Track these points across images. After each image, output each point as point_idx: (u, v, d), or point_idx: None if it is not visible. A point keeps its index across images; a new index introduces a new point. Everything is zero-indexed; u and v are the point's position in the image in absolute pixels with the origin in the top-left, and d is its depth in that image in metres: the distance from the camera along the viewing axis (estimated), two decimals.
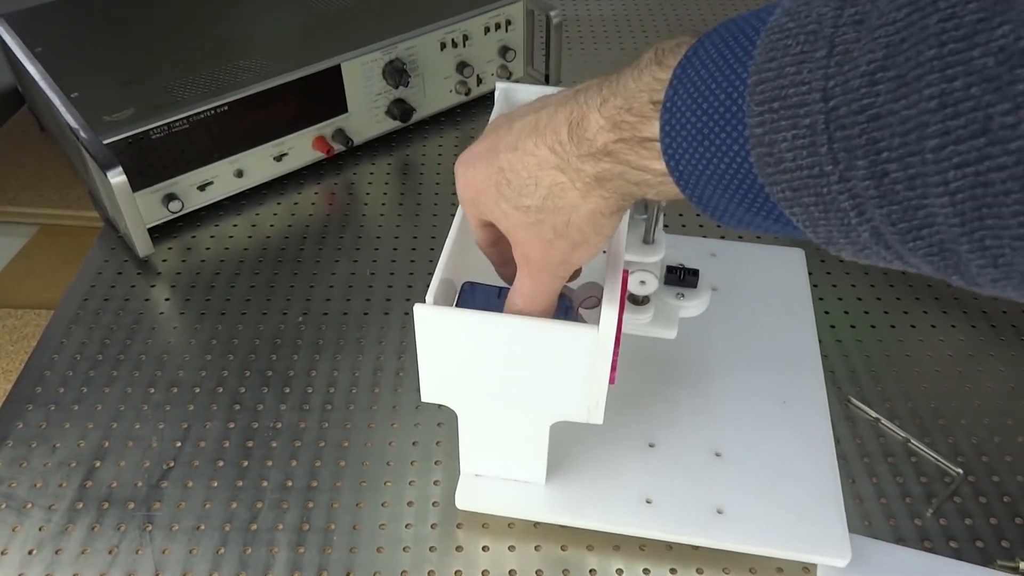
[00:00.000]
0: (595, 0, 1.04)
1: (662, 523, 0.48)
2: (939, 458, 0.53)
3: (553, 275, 0.40)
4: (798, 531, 0.48)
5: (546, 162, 0.36)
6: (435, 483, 0.52)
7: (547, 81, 0.60)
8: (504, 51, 0.81)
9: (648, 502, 0.49)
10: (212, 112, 0.67)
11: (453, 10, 0.77)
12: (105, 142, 0.63)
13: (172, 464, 0.53)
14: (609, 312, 0.39)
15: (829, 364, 0.59)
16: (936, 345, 0.60)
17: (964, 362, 0.59)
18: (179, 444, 0.54)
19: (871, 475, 0.52)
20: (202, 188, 0.70)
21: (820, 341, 0.60)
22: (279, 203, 0.73)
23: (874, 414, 0.56)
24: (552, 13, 0.78)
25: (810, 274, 0.66)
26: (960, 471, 0.52)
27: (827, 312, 0.63)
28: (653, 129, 0.32)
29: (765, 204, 0.29)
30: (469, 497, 0.50)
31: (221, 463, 0.53)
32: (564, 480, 0.50)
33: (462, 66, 0.79)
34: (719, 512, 0.49)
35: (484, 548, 0.49)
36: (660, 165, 0.32)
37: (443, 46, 0.77)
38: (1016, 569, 0.48)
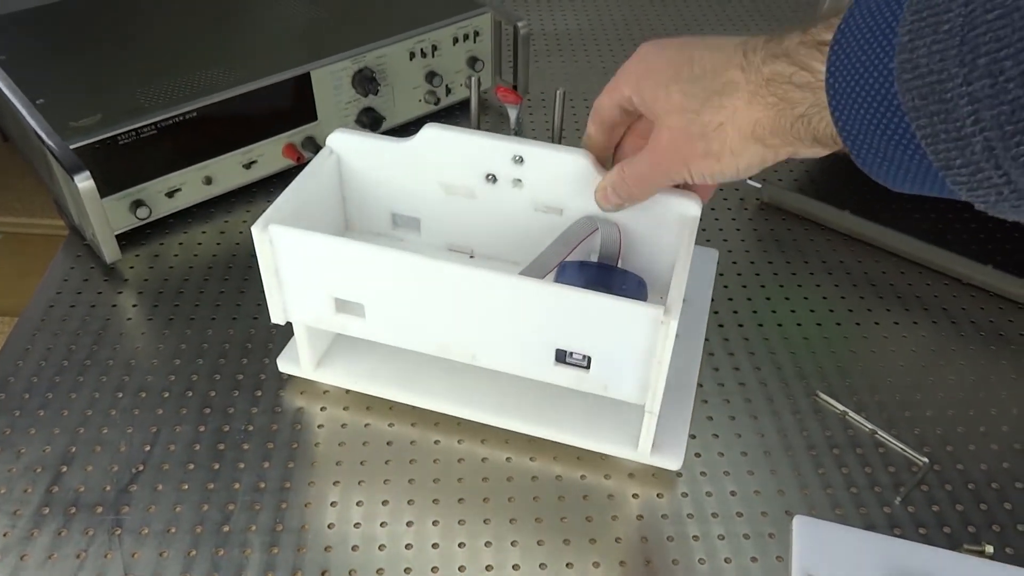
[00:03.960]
0: (560, 13, 1.06)
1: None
2: (906, 448, 0.54)
3: (667, 172, 0.43)
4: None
5: (732, 61, 0.40)
6: (409, 481, 0.52)
7: (516, 88, 0.61)
8: (473, 61, 0.82)
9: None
10: (181, 118, 0.66)
11: (422, 20, 0.78)
12: (72, 147, 0.62)
13: (141, 468, 0.52)
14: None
15: (796, 360, 0.60)
16: (900, 342, 0.62)
17: (927, 357, 0.61)
18: (148, 448, 0.53)
19: (840, 466, 0.53)
20: (170, 195, 0.69)
21: (786, 339, 0.62)
22: (248, 211, 0.73)
23: (841, 407, 0.57)
24: (520, 24, 0.79)
25: (774, 274, 0.67)
26: (926, 460, 0.54)
27: (793, 311, 0.64)
28: (830, 34, 0.36)
29: (898, 129, 0.32)
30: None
31: (192, 466, 0.52)
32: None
33: (431, 76, 0.80)
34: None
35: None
36: (823, 66, 0.36)
37: (412, 56, 0.78)
38: (982, 552, 0.49)
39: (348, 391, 0.57)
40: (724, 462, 0.54)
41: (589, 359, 0.45)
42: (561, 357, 0.46)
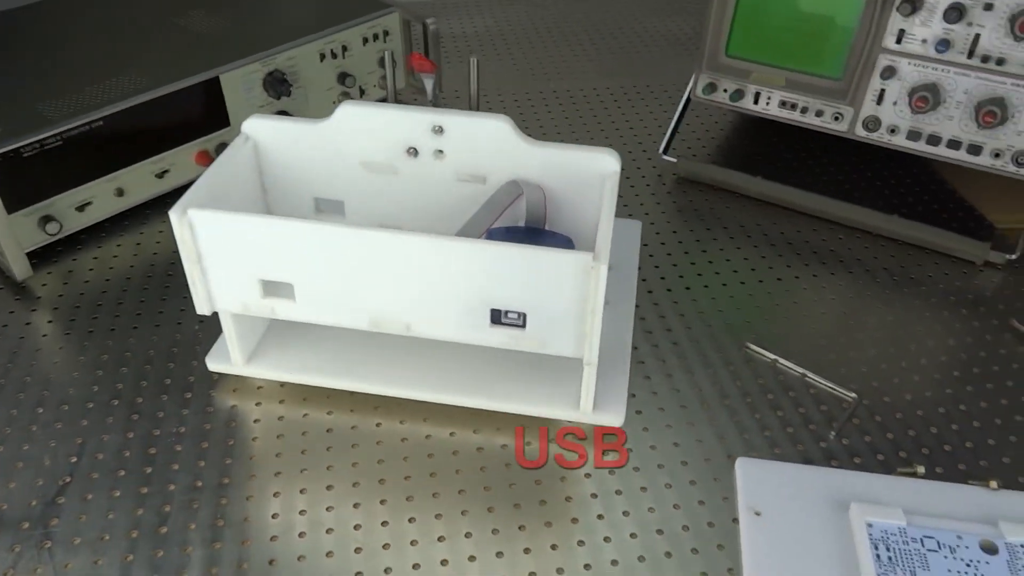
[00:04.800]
0: (468, 17, 1.08)
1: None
2: (835, 387, 0.56)
3: None
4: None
5: None
6: (353, 464, 0.51)
7: (433, 87, 0.62)
8: (384, 62, 0.82)
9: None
10: (86, 127, 0.64)
11: (330, 21, 0.78)
12: None
13: (68, 480, 0.50)
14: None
15: (724, 317, 0.62)
16: (820, 292, 0.64)
17: (847, 304, 0.63)
18: (75, 459, 0.51)
19: (775, 409, 0.55)
20: (81, 209, 0.67)
21: (713, 299, 0.63)
22: (164, 221, 0.71)
23: (771, 356, 0.59)
24: (428, 21, 0.80)
25: (696, 241, 0.69)
26: (855, 396, 0.56)
27: (717, 273, 0.66)
28: None
29: None
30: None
31: (122, 472, 0.50)
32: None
33: (343, 76, 0.79)
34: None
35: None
36: None
37: (323, 57, 0.77)
38: (915, 473, 0.50)
39: (283, 384, 0.56)
40: (665, 416, 0.54)
41: (524, 316, 0.46)
42: (496, 318, 0.46)
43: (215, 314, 0.52)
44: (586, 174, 0.50)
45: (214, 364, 0.55)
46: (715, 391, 0.56)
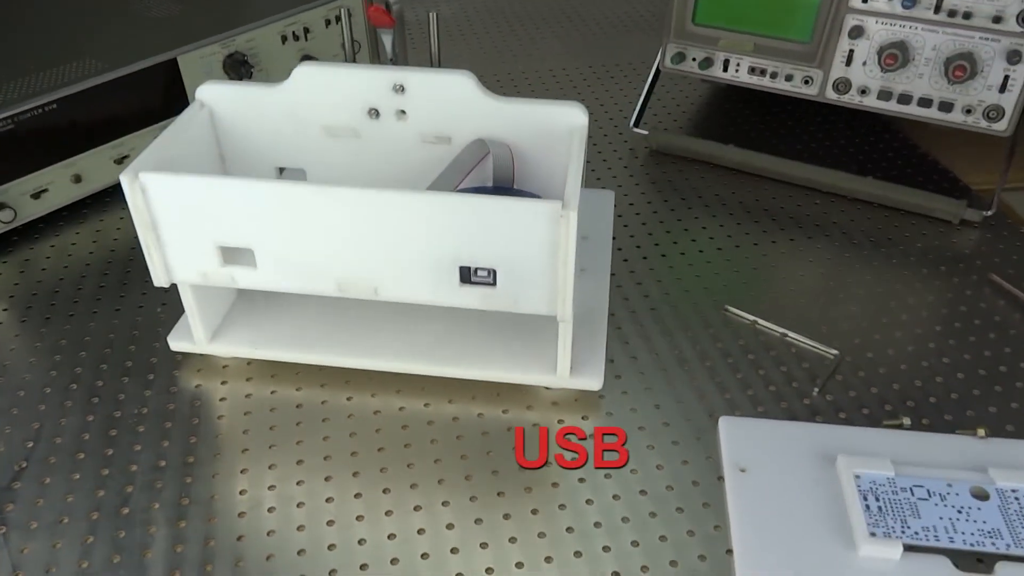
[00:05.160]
0: (434, 3, 1.07)
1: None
2: (816, 345, 0.55)
3: None
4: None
5: None
6: (324, 438, 0.49)
7: (393, 45, 0.60)
8: (341, 20, 0.80)
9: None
10: (39, 111, 0.62)
11: (292, 3, 0.77)
12: None
13: (24, 465, 0.47)
14: None
15: (702, 282, 0.61)
16: (799, 256, 0.63)
17: (826, 266, 0.62)
18: (31, 444, 0.49)
19: (757, 368, 0.54)
20: (36, 196, 0.65)
21: (691, 265, 0.62)
22: (124, 209, 0.69)
23: (751, 317, 0.57)
24: (391, 1, 0.79)
25: (671, 211, 0.68)
26: (836, 352, 0.55)
27: (694, 240, 0.65)
28: None
29: None
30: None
31: (82, 455, 0.48)
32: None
33: (306, 59, 0.78)
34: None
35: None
36: None
37: (284, 39, 0.76)
38: (900, 425, 0.49)
39: (249, 362, 0.54)
40: (645, 379, 0.53)
41: (494, 273, 0.44)
42: (466, 276, 0.45)
43: (178, 295, 0.50)
44: (553, 129, 0.48)
45: (177, 343, 0.53)
46: (695, 353, 0.55)
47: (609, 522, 0.45)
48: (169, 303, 0.59)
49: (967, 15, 0.61)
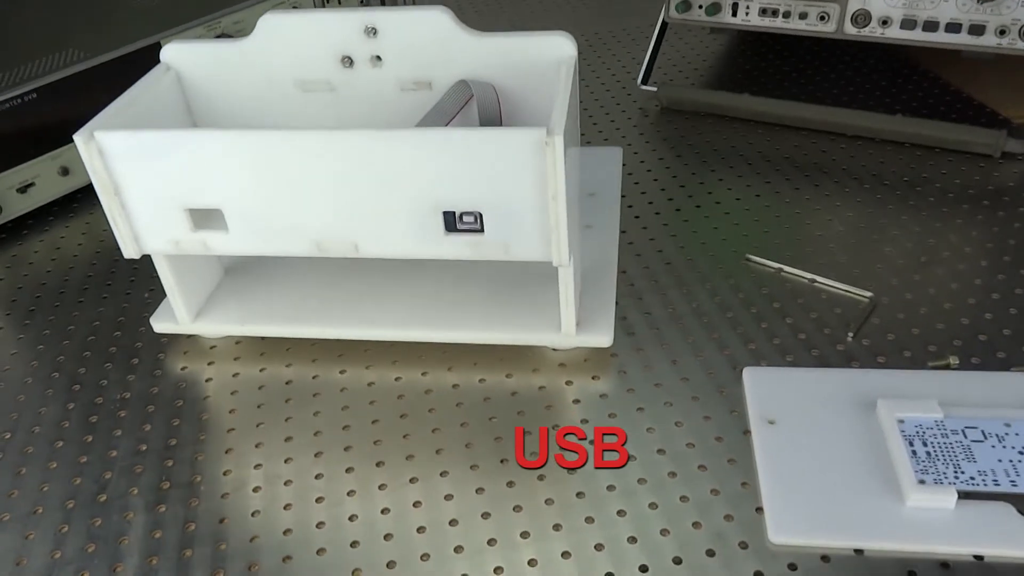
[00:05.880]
0: None
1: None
2: (849, 288, 0.50)
3: None
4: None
5: None
6: (314, 414, 0.45)
7: None
8: None
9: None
10: (19, 101, 0.60)
11: None
12: None
13: (0, 456, 0.45)
14: None
15: (720, 233, 0.56)
16: (826, 203, 0.58)
17: (856, 210, 0.57)
18: (8, 435, 0.46)
19: (784, 316, 0.49)
20: (23, 191, 0.63)
21: (707, 217, 0.58)
22: None
23: (775, 265, 0.53)
24: None
25: (685, 166, 0.64)
26: (871, 294, 0.50)
27: (710, 193, 0.61)
28: None
29: None
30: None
31: (60, 443, 0.45)
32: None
33: None
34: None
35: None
36: None
37: None
38: (948, 365, 0.44)
39: (238, 341, 0.51)
40: (660, 335, 0.49)
41: (480, 217, 0.40)
42: (451, 223, 0.41)
43: None
44: (540, 64, 0.44)
45: (160, 324, 0.50)
46: (715, 305, 0.50)
47: (624, 485, 0.40)
48: (157, 288, 0.56)
49: None
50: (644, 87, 0.72)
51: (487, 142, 0.38)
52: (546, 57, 0.44)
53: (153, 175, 0.41)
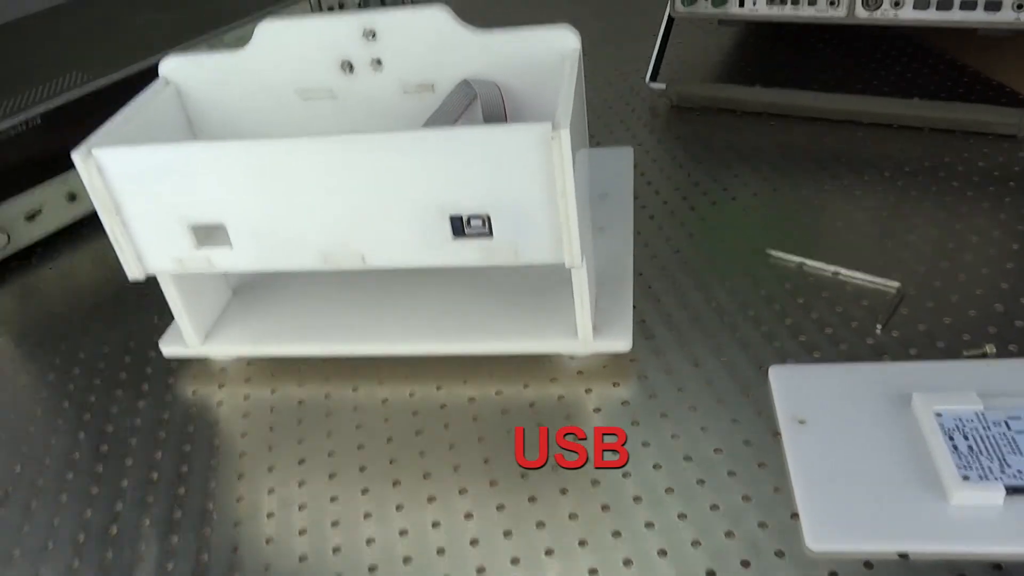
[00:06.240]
0: None
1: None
2: (874, 279, 0.48)
3: None
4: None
5: None
6: (327, 434, 0.44)
7: None
8: None
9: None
10: (23, 127, 0.60)
11: None
12: None
13: (9, 490, 0.44)
14: None
15: (739, 229, 0.54)
16: (847, 193, 0.57)
17: (878, 199, 0.55)
18: (17, 469, 0.45)
19: (808, 311, 0.47)
20: (31, 218, 0.62)
21: (724, 214, 0.56)
22: None
23: (796, 259, 0.51)
24: None
25: (698, 163, 0.62)
26: (898, 284, 0.48)
27: (725, 189, 0.59)
28: None
29: None
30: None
31: (71, 475, 0.44)
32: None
33: None
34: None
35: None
36: None
37: None
38: (984, 354, 0.42)
39: (249, 363, 0.50)
40: (680, 337, 0.47)
41: (488, 221, 0.39)
42: (459, 228, 0.39)
43: None
44: (543, 59, 0.43)
45: (169, 348, 0.49)
46: (736, 303, 0.49)
47: (650, 495, 0.39)
48: (166, 313, 0.55)
49: None
50: (653, 85, 0.70)
51: (492, 140, 0.36)
52: (549, 51, 0.43)
53: (154, 191, 0.40)
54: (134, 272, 0.43)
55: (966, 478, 0.35)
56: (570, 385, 0.45)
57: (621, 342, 0.45)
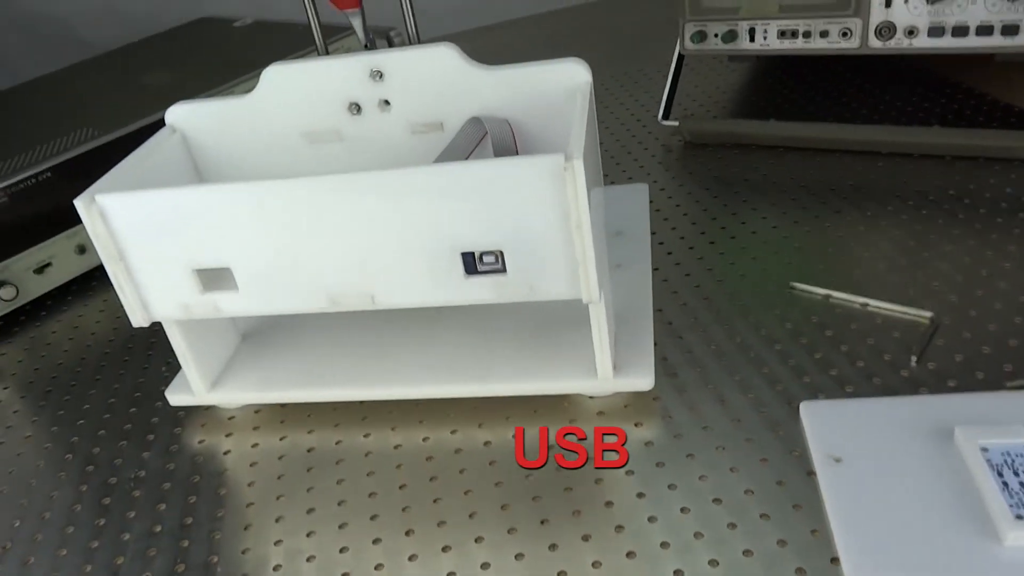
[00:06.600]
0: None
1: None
2: (906, 310, 0.46)
3: None
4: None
5: None
6: (338, 482, 0.42)
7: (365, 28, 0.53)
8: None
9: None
10: (33, 181, 0.60)
11: (288, 51, 0.74)
12: None
13: (8, 546, 0.42)
14: None
15: (760, 263, 0.53)
16: (869, 222, 0.55)
17: (904, 228, 0.54)
18: (17, 523, 0.43)
19: (838, 344, 0.45)
20: (40, 271, 0.61)
21: (744, 248, 0.55)
22: None
23: (822, 291, 0.49)
24: (392, 33, 0.75)
25: (715, 198, 0.61)
26: (931, 314, 0.46)
27: (744, 223, 0.57)
28: None
29: None
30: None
31: (71, 528, 0.42)
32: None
33: None
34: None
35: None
36: None
37: None
38: None
39: (258, 410, 0.48)
40: (704, 374, 0.45)
41: (502, 256, 0.38)
42: (471, 265, 0.38)
43: None
44: (554, 94, 0.42)
45: (176, 397, 0.48)
46: (761, 338, 0.47)
47: (679, 541, 0.36)
48: (174, 361, 0.54)
49: None
50: (665, 122, 0.70)
51: (503, 173, 0.35)
52: (560, 86, 0.42)
53: (157, 236, 0.39)
54: (139, 319, 0.42)
55: (1020, 517, 0.33)
56: (590, 426, 0.43)
57: (643, 380, 0.43)
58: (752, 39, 0.65)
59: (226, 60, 0.78)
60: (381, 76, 0.43)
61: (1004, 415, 0.38)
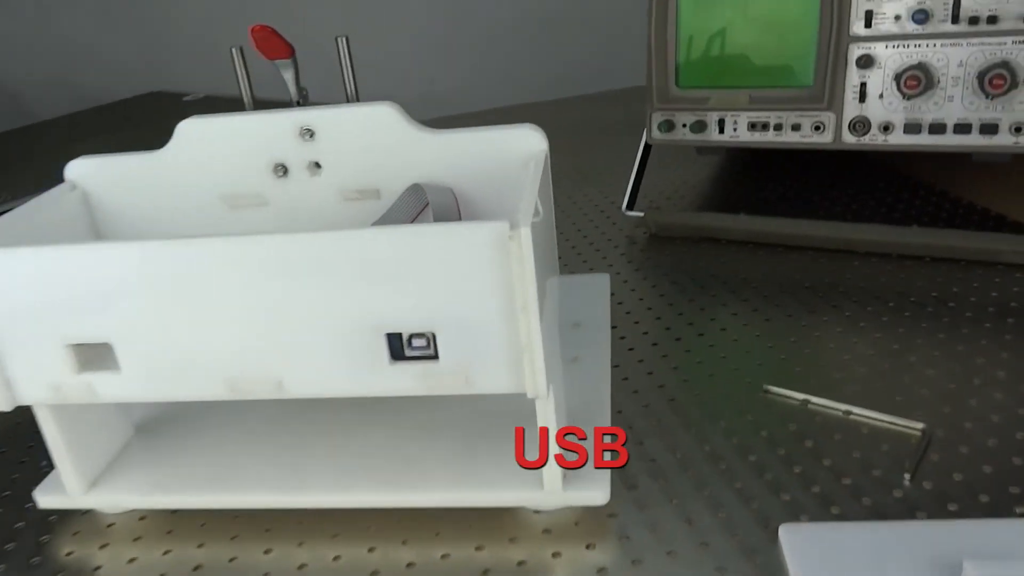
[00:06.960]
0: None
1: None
2: (894, 420, 0.41)
3: None
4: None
5: None
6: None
7: (296, 81, 0.50)
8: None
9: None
10: None
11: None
12: None
13: None
14: None
15: (730, 363, 0.48)
16: (847, 323, 0.50)
17: (884, 330, 0.49)
18: None
19: (820, 457, 0.39)
20: None
21: (712, 346, 0.50)
22: None
23: (800, 396, 0.44)
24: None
25: (681, 293, 0.56)
26: (923, 426, 0.41)
27: (713, 320, 0.53)
28: None
29: None
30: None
31: None
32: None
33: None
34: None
35: None
36: None
37: None
38: None
39: (142, 517, 0.41)
40: (669, 487, 0.39)
41: (433, 340, 0.32)
42: (398, 350, 0.32)
43: None
44: (505, 162, 0.38)
45: (45, 499, 0.40)
46: (733, 447, 0.41)
47: None
48: None
49: (992, 19, 0.52)
50: (629, 213, 0.66)
51: (438, 242, 0.30)
52: (512, 154, 0.38)
53: (26, 302, 0.33)
54: (1, 403, 0.35)
55: None
56: (534, 547, 0.36)
57: (597, 493, 0.36)
58: (721, 130, 0.62)
59: (171, 131, 0.73)
60: (312, 135, 0.38)
61: (1017, 546, 0.32)
